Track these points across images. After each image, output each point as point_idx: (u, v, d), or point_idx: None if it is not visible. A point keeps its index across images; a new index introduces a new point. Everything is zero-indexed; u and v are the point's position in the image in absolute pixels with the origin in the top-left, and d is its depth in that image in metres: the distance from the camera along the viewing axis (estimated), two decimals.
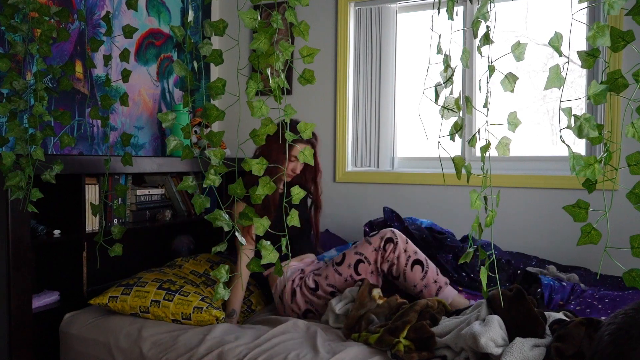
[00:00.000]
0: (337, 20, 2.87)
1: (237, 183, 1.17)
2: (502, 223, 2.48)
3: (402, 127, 2.85)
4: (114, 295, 1.85)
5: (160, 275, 1.98)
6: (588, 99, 0.94)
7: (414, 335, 1.51)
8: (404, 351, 1.46)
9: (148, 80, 2.67)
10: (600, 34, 0.90)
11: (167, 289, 1.86)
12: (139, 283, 1.90)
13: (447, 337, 1.46)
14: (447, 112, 1.15)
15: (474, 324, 1.40)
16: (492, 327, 1.36)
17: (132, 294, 1.84)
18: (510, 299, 1.44)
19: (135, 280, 1.92)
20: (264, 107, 1.16)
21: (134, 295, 1.84)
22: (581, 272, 2.14)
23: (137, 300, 1.82)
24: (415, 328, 1.53)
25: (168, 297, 1.82)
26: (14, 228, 1.72)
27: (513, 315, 1.42)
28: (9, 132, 1.60)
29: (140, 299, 1.82)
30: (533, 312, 1.40)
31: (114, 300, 1.84)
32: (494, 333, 1.34)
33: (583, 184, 1.00)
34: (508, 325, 1.42)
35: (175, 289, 1.86)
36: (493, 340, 1.33)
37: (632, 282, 0.94)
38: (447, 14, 1.14)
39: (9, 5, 1.63)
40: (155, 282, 1.90)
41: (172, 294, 1.83)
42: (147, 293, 1.84)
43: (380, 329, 1.59)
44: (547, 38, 0.96)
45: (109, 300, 1.84)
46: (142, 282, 1.90)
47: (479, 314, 1.47)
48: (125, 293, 1.85)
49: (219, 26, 1.24)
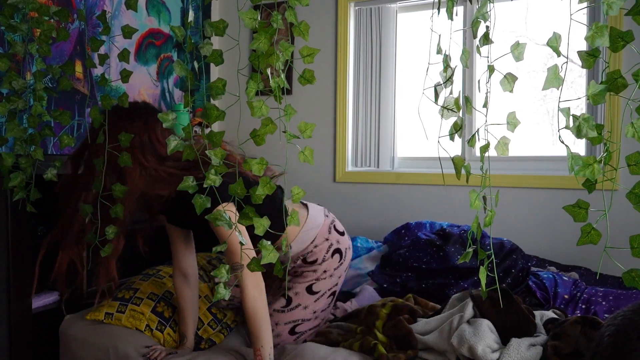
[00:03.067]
0: (337, 20, 2.87)
1: (238, 183, 1.17)
2: (502, 223, 2.48)
3: (402, 127, 2.85)
4: (109, 312, 1.82)
5: (157, 289, 1.92)
6: (587, 99, 0.94)
7: (392, 332, 1.51)
8: (387, 352, 1.44)
9: (148, 80, 2.67)
10: (599, 34, 0.90)
11: (160, 314, 1.82)
12: (134, 299, 1.84)
13: (428, 336, 1.44)
14: (446, 112, 1.15)
15: (463, 328, 1.38)
16: (485, 334, 1.35)
17: (126, 312, 1.81)
18: (497, 301, 1.43)
19: (131, 294, 1.87)
20: (264, 107, 1.16)
21: (129, 315, 1.80)
22: (581, 271, 2.14)
23: (131, 320, 1.79)
24: (392, 325, 1.52)
25: (160, 327, 1.79)
26: (14, 228, 1.72)
27: (503, 317, 1.41)
28: (9, 132, 1.60)
29: (135, 319, 1.79)
30: (524, 313, 1.40)
31: (110, 317, 1.81)
32: (488, 339, 1.34)
33: (583, 184, 1.00)
34: (499, 328, 1.41)
35: (168, 315, 1.83)
36: (489, 346, 1.33)
37: (632, 282, 0.94)
38: (447, 14, 1.14)
39: (9, 5, 1.63)
40: (150, 299, 1.85)
41: (164, 324, 1.80)
42: (141, 315, 1.80)
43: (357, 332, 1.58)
44: (547, 38, 0.96)
45: (104, 317, 1.81)
46: (138, 297, 1.85)
47: (463, 314, 1.44)
48: (120, 311, 1.82)
49: (219, 26, 1.24)
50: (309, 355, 1.47)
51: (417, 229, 2.34)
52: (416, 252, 2.02)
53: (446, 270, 1.93)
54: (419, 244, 2.07)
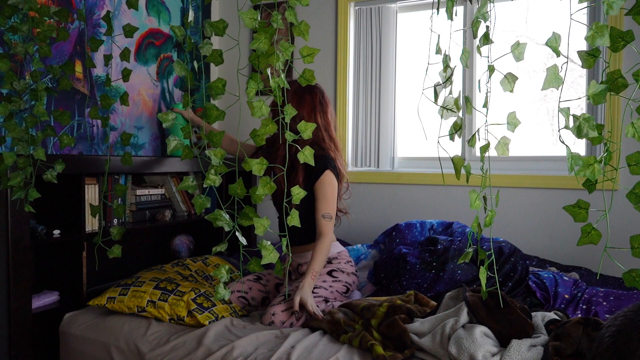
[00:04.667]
0: (337, 20, 2.87)
1: (238, 183, 1.17)
2: (502, 223, 2.48)
3: (402, 127, 2.85)
4: (112, 296, 1.86)
5: (159, 274, 1.98)
6: (588, 99, 0.94)
7: (386, 331, 1.51)
8: (385, 352, 1.44)
9: (148, 80, 2.67)
10: (599, 34, 0.90)
11: (163, 288, 1.86)
12: (137, 283, 1.90)
13: (423, 340, 1.44)
14: (446, 112, 1.15)
15: (460, 335, 1.37)
16: (482, 340, 1.35)
17: (129, 294, 1.85)
18: (493, 306, 1.42)
19: (133, 280, 1.93)
20: (264, 107, 1.16)
21: (131, 296, 1.84)
22: (582, 272, 2.14)
23: (133, 300, 1.83)
24: (387, 324, 1.52)
25: (163, 297, 1.82)
26: (13, 228, 1.72)
27: (499, 321, 1.41)
28: (10, 132, 1.60)
29: (137, 299, 1.83)
30: (520, 315, 1.40)
31: (112, 301, 1.84)
32: (486, 345, 1.34)
33: (583, 184, 1.00)
34: (495, 332, 1.41)
35: (171, 288, 1.86)
36: (489, 351, 1.33)
37: (632, 283, 0.94)
38: (447, 14, 1.14)
39: (9, 6, 1.63)
40: (152, 281, 1.90)
41: (167, 294, 1.83)
42: (143, 293, 1.84)
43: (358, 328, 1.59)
44: (547, 38, 0.96)
45: (107, 301, 1.85)
46: (140, 281, 1.91)
47: (458, 319, 1.43)
48: (122, 294, 1.86)
49: (219, 26, 1.24)
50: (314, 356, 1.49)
51: (407, 230, 2.32)
52: (414, 279, 1.96)
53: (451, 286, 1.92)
54: (414, 270, 1.97)
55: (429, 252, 2.02)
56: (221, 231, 2.67)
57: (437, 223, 2.36)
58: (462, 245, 2.00)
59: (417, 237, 2.29)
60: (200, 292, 1.85)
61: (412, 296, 1.74)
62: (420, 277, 1.95)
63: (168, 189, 2.60)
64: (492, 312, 1.41)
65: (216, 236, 2.69)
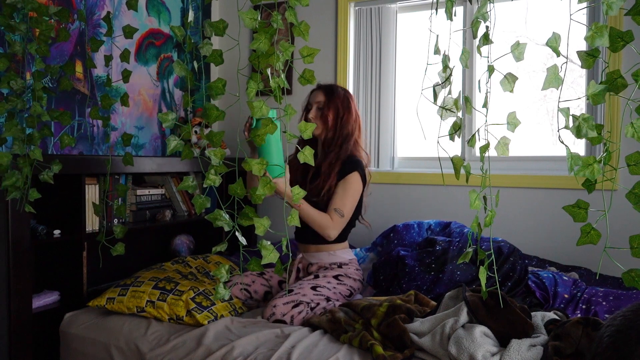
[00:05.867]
0: (337, 20, 2.87)
1: (238, 183, 1.17)
2: (502, 223, 2.48)
3: (402, 127, 2.85)
4: (111, 296, 1.86)
5: (158, 273, 1.98)
6: (587, 99, 0.94)
7: (386, 330, 1.51)
8: (385, 351, 1.44)
9: (148, 81, 2.67)
10: (598, 34, 0.90)
11: (162, 288, 1.86)
12: (136, 283, 1.90)
13: (423, 340, 1.44)
14: (445, 113, 1.15)
15: (460, 335, 1.37)
16: (481, 339, 1.35)
17: (128, 294, 1.85)
18: (492, 306, 1.43)
19: (132, 280, 1.93)
20: (264, 107, 1.16)
21: (130, 296, 1.84)
22: (582, 271, 2.14)
23: (133, 300, 1.83)
24: (387, 324, 1.52)
25: (162, 297, 1.82)
26: (13, 228, 1.72)
27: (498, 321, 1.41)
28: (6, 132, 1.59)
29: (136, 299, 1.83)
30: (520, 315, 1.40)
31: (111, 301, 1.84)
32: (486, 345, 1.34)
33: (583, 184, 1.00)
34: (495, 331, 1.41)
35: (170, 288, 1.86)
36: (489, 351, 1.33)
37: (632, 282, 0.94)
38: (446, 14, 1.14)
39: (8, 5, 1.63)
40: (151, 281, 1.90)
41: (166, 294, 1.83)
42: (142, 293, 1.84)
43: (358, 327, 1.59)
44: (546, 38, 0.96)
45: (106, 302, 1.85)
46: (139, 281, 1.91)
47: (458, 319, 1.44)
48: (121, 294, 1.86)
49: (219, 26, 1.24)
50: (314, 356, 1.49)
51: (404, 231, 2.32)
52: (414, 282, 1.97)
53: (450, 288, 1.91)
54: (413, 272, 1.98)
55: (427, 253, 2.02)
56: (221, 231, 2.68)
57: (435, 223, 2.36)
58: (462, 246, 2.00)
59: (414, 238, 2.29)
60: (199, 290, 1.85)
61: (412, 296, 1.74)
62: (420, 279, 1.95)
63: (168, 189, 2.61)
64: (492, 312, 1.42)
65: (216, 236, 2.69)
